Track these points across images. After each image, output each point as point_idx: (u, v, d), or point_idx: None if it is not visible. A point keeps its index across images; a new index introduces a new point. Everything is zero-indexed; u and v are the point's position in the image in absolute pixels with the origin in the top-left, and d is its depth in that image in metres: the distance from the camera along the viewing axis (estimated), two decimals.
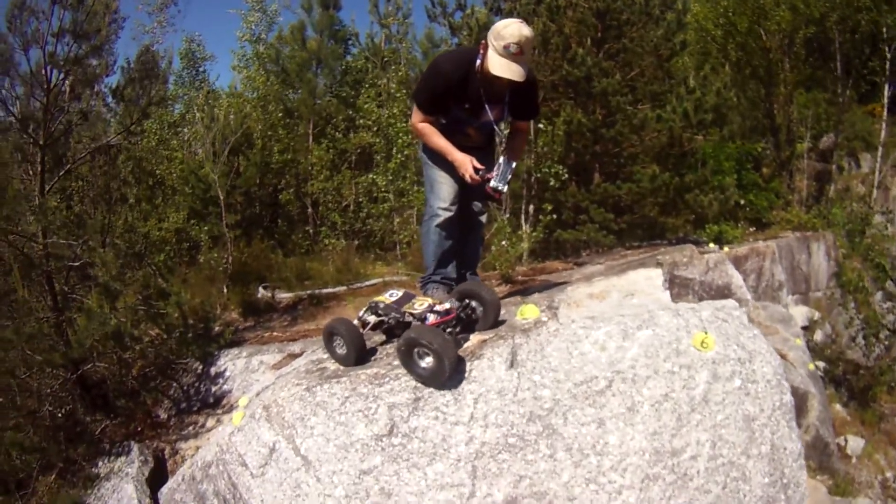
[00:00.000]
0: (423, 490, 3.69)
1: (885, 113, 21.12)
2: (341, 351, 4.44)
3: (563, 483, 3.65)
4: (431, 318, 4.16)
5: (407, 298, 4.55)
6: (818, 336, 14.81)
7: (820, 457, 8.72)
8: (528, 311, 4.59)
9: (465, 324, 4.40)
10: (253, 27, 24.12)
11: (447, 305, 4.26)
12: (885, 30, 20.15)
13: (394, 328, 4.61)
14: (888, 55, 20.40)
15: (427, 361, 3.84)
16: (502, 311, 4.62)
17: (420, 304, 4.38)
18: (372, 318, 4.66)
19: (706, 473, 3.69)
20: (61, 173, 7.90)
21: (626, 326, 4.15)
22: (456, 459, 3.73)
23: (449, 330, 4.17)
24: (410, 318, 4.37)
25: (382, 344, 4.75)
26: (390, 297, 4.61)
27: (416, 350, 3.85)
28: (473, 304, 4.47)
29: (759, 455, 3.82)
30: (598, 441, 3.73)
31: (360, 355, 4.43)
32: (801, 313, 14.69)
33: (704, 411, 3.82)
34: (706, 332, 4.05)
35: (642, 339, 4.05)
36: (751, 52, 20.57)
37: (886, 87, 20.86)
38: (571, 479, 3.65)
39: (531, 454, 3.72)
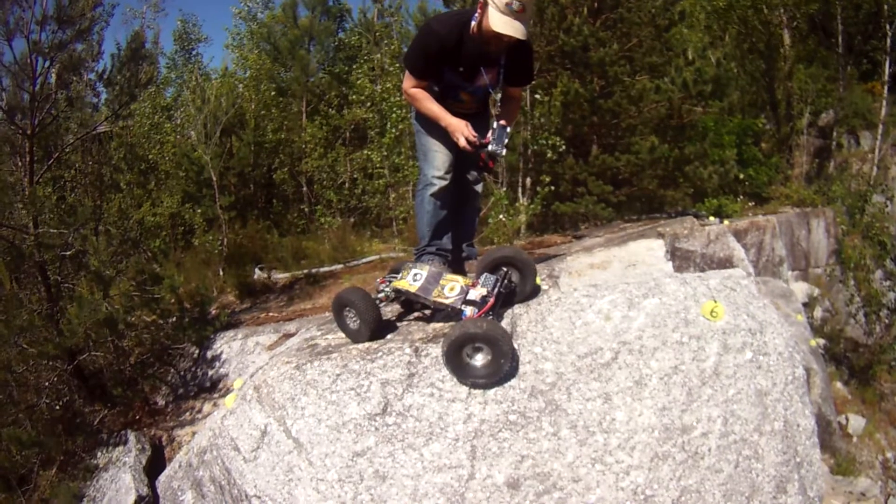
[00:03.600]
0: (420, 472, 3.53)
1: (885, 91, 21.01)
2: (354, 325, 4.19)
3: (567, 463, 3.48)
4: (468, 313, 3.85)
5: (433, 281, 4.19)
6: (818, 313, 14.78)
7: (822, 435, 8.59)
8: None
9: (506, 297, 4.11)
10: (249, 4, 24.06)
11: (482, 291, 3.91)
12: (886, 7, 19.97)
13: (414, 301, 4.39)
14: (889, 32, 20.21)
15: (480, 358, 3.61)
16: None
17: (451, 289, 4.06)
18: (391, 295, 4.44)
19: (718, 451, 3.53)
20: (50, 162, 7.81)
21: (632, 295, 3.98)
22: (454, 439, 3.58)
23: (491, 316, 3.85)
24: (443, 309, 4.13)
25: (400, 317, 4.58)
26: (414, 281, 4.25)
27: (464, 350, 3.60)
28: (511, 273, 4.16)
29: (773, 432, 3.66)
30: (604, 417, 3.57)
31: (376, 330, 4.17)
32: (800, 289, 14.64)
33: (716, 385, 3.65)
34: (716, 301, 3.87)
35: (649, 308, 3.88)
36: (752, 26, 20.41)
37: (887, 64, 20.70)
38: (576, 459, 3.48)
39: (533, 432, 3.56)
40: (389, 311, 4.71)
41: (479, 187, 5.23)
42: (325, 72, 19.68)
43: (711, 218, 11.91)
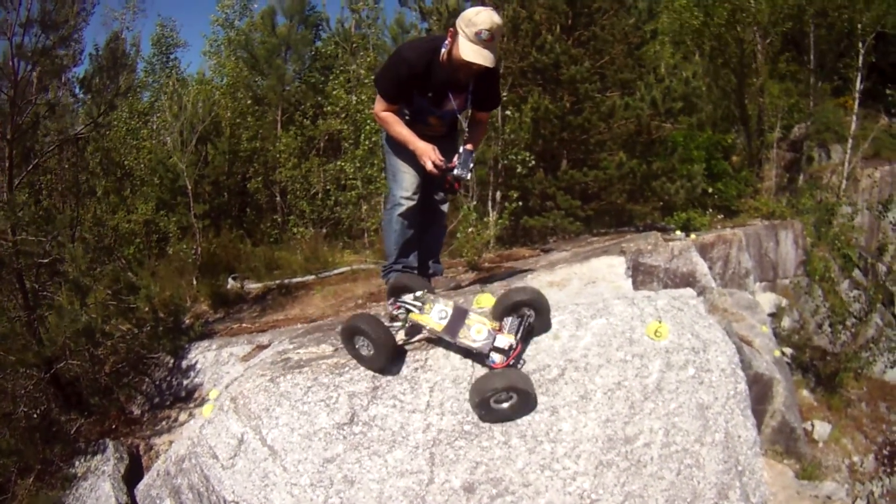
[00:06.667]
0: (385, 477, 3.74)
1: (856, 106, 21.33)
2: (367, 352, 4.03)
3: (518, 469, 3.71)
4: (497, 360, 3.84)
5: (459, 320, 4.01)
6: (786, 323, 14.98)
7: (787, 441, 8.83)
8: (484, 300, 4.56)
9: (526, 337, 4.09)
10: (227, 11, 23.93)
11: (510, 340, 3.85)
12: (859, 26, 20.28)
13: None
14: (861, 50, 20.56)
15: (507, 402, 3.76)
16: (461, 300, 4.64)
17: (477, 331, 3.92)
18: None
19: (660, 460, 3.75)
20: (29, 168, 7.76)
21: (580, 315, 4.21)
22: (414, 447, 3.79)
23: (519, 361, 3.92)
24: (467, 350, 4.01)
25: (409, 341, 4.43)
26: (440, 319, 4.02)
27: (491, 399, 3.73)
28: (529, 313, 4.07)
29: (713, 443, 3.88)
30: (551, 428, 3.80)
31: (392, 357, 4.07)
32: (768, 300, 14.87)
33: (657, 399, 3.88)
34: (660, 322, 4.10)
35: (595, 328, 4.11)
36: (725, 43, 20.65)
37: (858, 80, 21.05)
38: (526, 466, 3.72)
39: (486, 441, 3.78)
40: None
41: (445, 206, 5.45)
42: (301, 81, 19.67)
43: (678, 232, 12.10)
